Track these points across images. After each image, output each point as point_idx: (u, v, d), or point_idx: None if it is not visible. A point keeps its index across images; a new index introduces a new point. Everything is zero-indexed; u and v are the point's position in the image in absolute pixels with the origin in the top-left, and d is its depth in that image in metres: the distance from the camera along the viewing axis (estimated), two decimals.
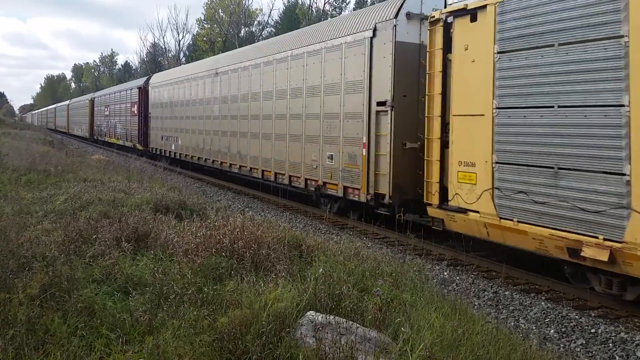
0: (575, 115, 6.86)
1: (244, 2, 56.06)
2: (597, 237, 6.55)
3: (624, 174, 6.31)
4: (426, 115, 9.42)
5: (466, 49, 8.55)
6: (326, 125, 12.37)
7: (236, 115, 17.34)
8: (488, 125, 8.01)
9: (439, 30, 9.09)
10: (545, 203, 7.18)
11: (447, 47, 9.00)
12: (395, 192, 10.30)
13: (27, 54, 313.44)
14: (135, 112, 29.07)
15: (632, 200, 6.21)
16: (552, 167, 7.12)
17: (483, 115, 8.11)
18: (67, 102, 64.33)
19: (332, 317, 4.09)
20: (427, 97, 9.45)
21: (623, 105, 6.27)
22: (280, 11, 57.18)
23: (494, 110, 7.91)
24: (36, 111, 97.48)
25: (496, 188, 7.89)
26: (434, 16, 9.21)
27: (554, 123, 7.13)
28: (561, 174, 7.03)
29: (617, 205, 6.36)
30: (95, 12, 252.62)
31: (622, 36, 6.35)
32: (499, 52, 7.89)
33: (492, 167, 7.95)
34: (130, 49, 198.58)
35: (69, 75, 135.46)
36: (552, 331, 6.16)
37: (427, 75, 9.47)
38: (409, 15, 10.40)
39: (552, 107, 7.14)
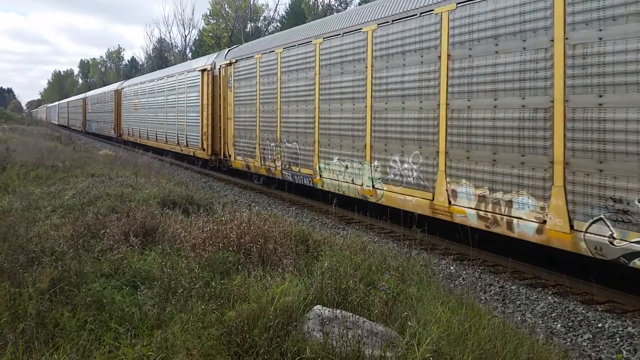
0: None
1: None
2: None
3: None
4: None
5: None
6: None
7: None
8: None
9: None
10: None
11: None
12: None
13: (30, 50, 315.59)
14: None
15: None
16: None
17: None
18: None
19: (338, 311, 4.11)
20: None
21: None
22: (287, 6, 57.12)
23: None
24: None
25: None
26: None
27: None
28: None
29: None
30: (94, 8, 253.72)
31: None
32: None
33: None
34: (132, 44, 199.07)
35: (76, 70, 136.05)
36: (558, 325, 6.16)
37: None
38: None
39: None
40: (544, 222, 7.04)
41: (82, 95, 55.95)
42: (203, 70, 19.70)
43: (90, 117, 47.01)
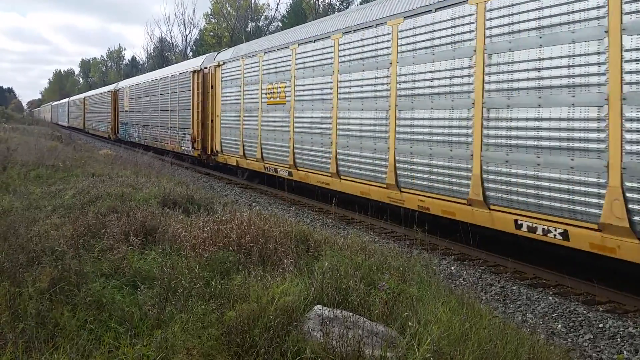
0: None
1: None
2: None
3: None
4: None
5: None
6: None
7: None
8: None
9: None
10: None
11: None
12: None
13: (29, 49, 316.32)
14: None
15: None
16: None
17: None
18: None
19: (339, 311, 4.10)
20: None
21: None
22: (288, 5, 57.11)
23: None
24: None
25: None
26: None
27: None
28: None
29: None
30: (92, 7, 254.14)
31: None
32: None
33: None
34: (131, 44, 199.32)
35: (76, 70, 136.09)
36: (559, 326, 6.15)
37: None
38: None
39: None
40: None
41: (108, 88, 40.51)
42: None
43: (128, 119, 32.75)
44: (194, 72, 20.72)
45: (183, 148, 22.48)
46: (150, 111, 27.61)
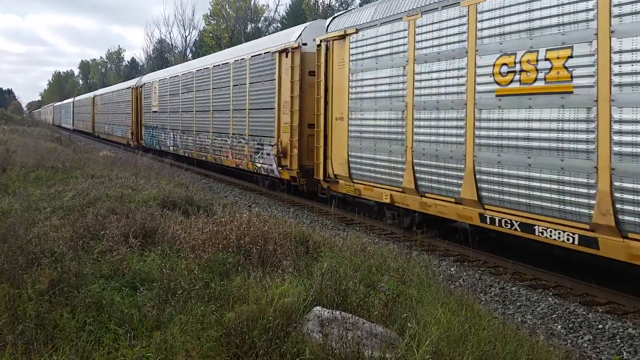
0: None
1: None
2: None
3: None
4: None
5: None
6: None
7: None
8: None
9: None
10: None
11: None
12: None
13: (28, 50, 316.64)
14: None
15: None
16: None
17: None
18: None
19: (338, 312, 4.10)
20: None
21: None
22: (287, 6, 57.18)
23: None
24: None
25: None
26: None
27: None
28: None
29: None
30: (91, 8, 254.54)
31: None
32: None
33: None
34: (130, 45, 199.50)
35: (76, 71, 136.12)
36: (559, 327, 6.15)
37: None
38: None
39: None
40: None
41: (128, 84, 34.30)
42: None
43: (157, 121, 26.18)
44: (282, 52, 13.83)
45: (258, 165, 15.25)
46: (194, 112, 20.64)
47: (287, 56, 13.65)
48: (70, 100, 59.82)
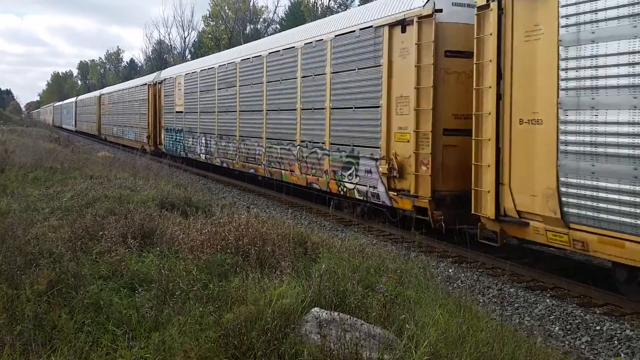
0: None
1: None
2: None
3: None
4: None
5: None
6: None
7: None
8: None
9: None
10: None
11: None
12: None
13: (26, 51, 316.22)
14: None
15: None
16: None
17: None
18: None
19: (336, 313, 4.11)
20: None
21: None
22: (286, 8, 57.21)
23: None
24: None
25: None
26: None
27: None
28: None
29: None
30: (90, 9, 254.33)
31: None
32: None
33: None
34: (129, 46, 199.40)
35: (74, 72, 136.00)
36: (556, 328, 6.16)
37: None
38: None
39: None
40: None
41: (143, 80, 29.71)
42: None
43: (182, 124, 21.90)
44: (395, 25, 9.90)
45: (349, 186, 11.20)
46: (237, 112, 16.51)
47: (404, 31, 9.63)
48: (73, 99, 55.48)
